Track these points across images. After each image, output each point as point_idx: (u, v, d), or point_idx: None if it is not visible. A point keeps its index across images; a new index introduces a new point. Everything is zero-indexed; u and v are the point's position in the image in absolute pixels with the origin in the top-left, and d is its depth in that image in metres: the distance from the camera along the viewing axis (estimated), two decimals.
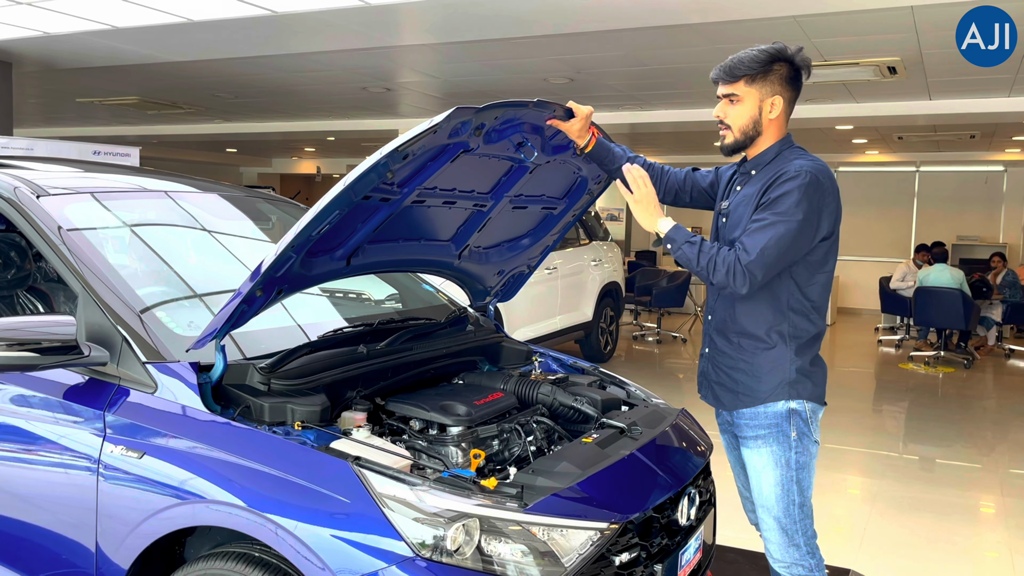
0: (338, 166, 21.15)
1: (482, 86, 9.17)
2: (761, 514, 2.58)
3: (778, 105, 2.47)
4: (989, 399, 8.33)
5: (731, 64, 2.46)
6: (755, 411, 2.52)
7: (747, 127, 2.50)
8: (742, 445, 2.59)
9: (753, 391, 2.51)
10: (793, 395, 2.49)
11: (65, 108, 12.31)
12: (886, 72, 7.67)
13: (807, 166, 2.40)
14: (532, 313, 7.53)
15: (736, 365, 2.54)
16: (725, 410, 2.63)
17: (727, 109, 2.51)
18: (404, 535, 1.94)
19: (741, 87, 2.47)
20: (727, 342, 2.56)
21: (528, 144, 2.62)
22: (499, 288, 3.32)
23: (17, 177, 2.76)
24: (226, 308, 2.20)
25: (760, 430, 2.52)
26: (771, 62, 2.45)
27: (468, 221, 2.89)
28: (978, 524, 4.74)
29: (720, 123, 2.53)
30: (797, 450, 2.50)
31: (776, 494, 2.51)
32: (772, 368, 2.49)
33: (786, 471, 2.50)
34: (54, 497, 2.32)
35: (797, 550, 2.53)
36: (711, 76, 2.54)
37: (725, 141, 2.54)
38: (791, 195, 2.36)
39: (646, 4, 5.70)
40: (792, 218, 2.35)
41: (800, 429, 2.51)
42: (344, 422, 2.39)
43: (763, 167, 2.52)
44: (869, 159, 15.39)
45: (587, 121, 2.65)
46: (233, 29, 6.63)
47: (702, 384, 2.71)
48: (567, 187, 3.03)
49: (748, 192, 2.52)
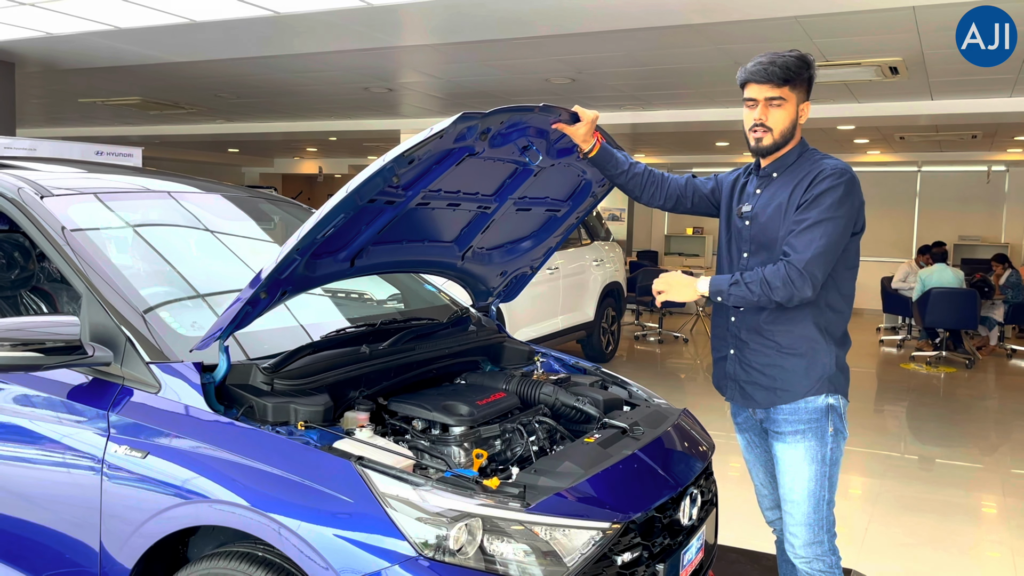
0: (340, 166, 21.16)
1: (484, 86, 9.18)
2: (789, 509, 2.59)
3: (807, 110, 2.55)
4: (991, 399, 8.33)
5: (779, 68, 2.47)
6: (795, 406, 2.54)
7: (787, 130, 2.53)
8: (777, 440, 2.60)
9: (793, 386, 2.53)
10: (831, 390, 2.55)
11: (67, 108, 12.32)
12: (888, 72, 7.67)
13: (842, 165, 2.47)
14: (534, 313, 7.53)
15: (774, 362, 2.55)
16: (760, 408, 2.63)
17: (770, 112, 2.51)
18: (407, 535, 1.95)
19: (787, 91, 2.49)
20: (763, 340, 2.56)
21: (533, 148, 2.63)
22: (501, 289, 3.33)
23: (21, 178, 2.77)
24: (230, 309, 2.20)
25: (800, 425, 2.54)
26: (807, 68, 2.51)
27: (472, 223, 2.89)
28: (980, 524, 4.74)
29: (759, 125, 2.52)
30: (832, 446, 2.56)
31: (809, 489, 2.55)
32: (813, 363, 2.53)
33: (821, 467, 2.54)
34: (58, 497, 2.33)
35: (820, 546, 2.57)
36: (745, 77, 2.53)
37: (763, 143, 2.54)
38: (835, 191, 2.41)
39: (648, 4, 5.70)
40: (839, 214, 2.41)
41: (836, 425, 2.56)
42: (347, 422, 2.40)
43: (786, 169, 2.56)
44: (871, 159, 15.39)
45: (592, 126, 2.65)
46: (235, 30, 6.64)
47: (729, 387, 2.71)
48: (571, 190, 3.03)
49: (778, 195, 2.54)
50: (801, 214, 2.44)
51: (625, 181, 2.78)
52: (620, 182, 2.80)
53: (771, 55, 2.50)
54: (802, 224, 2.42)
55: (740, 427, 2.81)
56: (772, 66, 2.47)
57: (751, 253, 2.60)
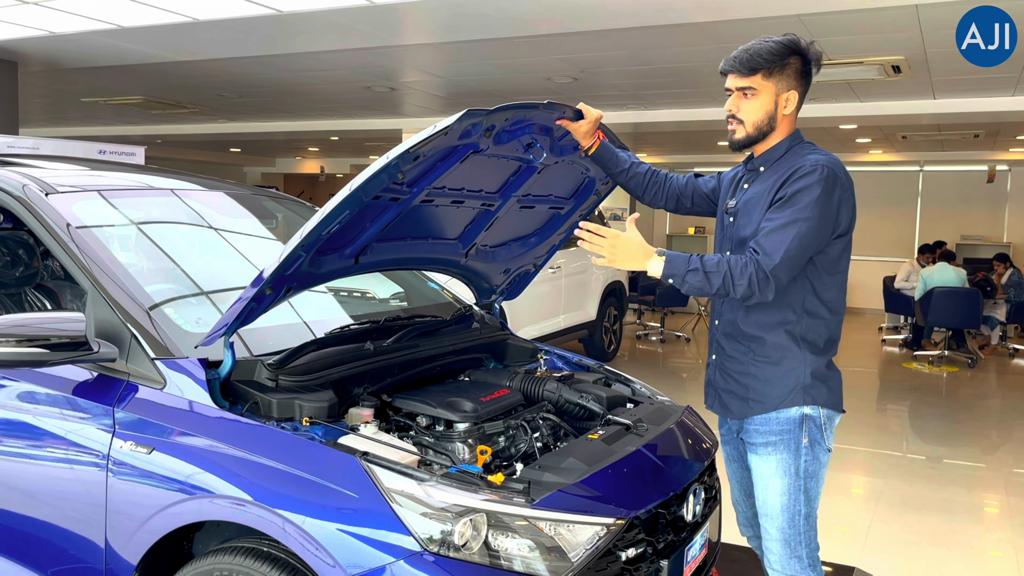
0: (342, 166, 21.17)
1: (486, 85, 9.19)
2: (765, 523, 2.48)
3: (793, 100, 2.38)
4: (993, 398, 8.32)
5: (747, 56, 2.34)
6: (766, 417, 2.41)
7: (761, 122, 2.39)
8: (750, 452, 2.49)
9: (765, 397, 2.41)
10: (808, 400, 2.39)
11: (70, 108, 12.34)
12: (890, 71, 7.67)
13: (823, 160, 2.30)
14: (536, 312, 7.54)
15: (747, 370, 2.44)
16: (734, 419, 2.53)
17: (740, 103, 2.39)
18: (412, 530, 1.95)
19: (758, 80, 2.35)
20: (737, 346, 2.45)
21: (537, 145, 2.62)
22: (505, 286, 3.33)
23: (26, 175, 2.78)
24: (235, 306, 2.21)
25: (771, 436, 2.42)
26: (787, 55, 2.34)
27: (475, 220, 2.90)
28: (982, 523, 4.73)
29: (731, 117, 2.41)
30: (807, 458, 2.41)
31: (782, 503, 2.42)
32: (786, 373, 2.39)
33: (794, 480, 2.41)
34: (63, 493, 2.33)
35: (799, 562, 2.44)
36: (722, 67, 2.41)
37: (735, 136, 2.42)
38: (809, 191, 2.25)
39: (650, 3, 5.70)
40: (812, 215, 2.24)
41: (813, 436, 2.41)
42: (351, 418, 2.40)
43: (773, 163, 2.42)
44: (873, 159, 15.38)
45: (595, 124, 2.62)
46: (238, 29, 6.65)
47: (709, 394, 2.60)
48: (575, 187, 3.03)
49: (758, 189, 2.42)
50: (774, 212, 2.28)
51: (626, 180, 2.74)
52: (621, 180, 2.76)
53: (754, 42, 2.37)
54: (774, 222, 2.26)
55: (722, 438, 2.70)
56: (744, 53, 2.34)
57: (732, 251, 2.47)
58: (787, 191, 2.29)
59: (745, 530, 2.78)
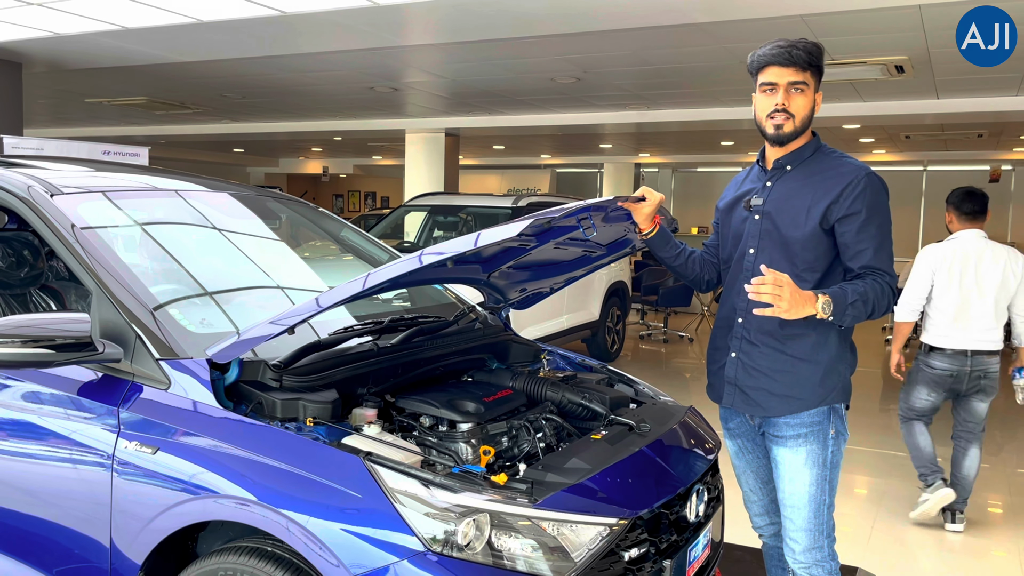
0: (345, 166, 21.20)
1: (489, 86, 9.19)
2: (790, 515, 2.52)
3: (820, 100, 2.46)
4: (996, 399, 8.29)
5: (802, 51, 2.35)
6: (802, 411, 2.49)
7: (807, 118, 2.43)
8: (777, 445, 2.52)
9: (808, 395, 2.46)
10: (842, 398, 2.52)
11: (74, 108, 12.36)
12: (893, 71, 7.66)
13: (863, 165, 2.44)
14: (539, 312, 7.53)
15: (785, 368, 2.46)
16: (767, 416, 2.53)
17: (793, 98, 2.39)
18: (415, 530, 1.96)
19: (809, 76, 2.39)
20: (776, 343, 2.47)
21: (590, 220, 2.51)
22: (516, 300, 3.28)
23: (31, 176, 2.79)
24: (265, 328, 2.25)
25: (802, 429, 2.48)
26: (822, 55, 2.42)
27: (508, 250, 2.76)
28: (986, 523, 4.73)
29: (781, 111, 2.40)
30: (833, 449, 2.50)
31: (810, 494, 2.48)
32: (829, 372, 2.47)
33: (822, 470, 2.48)
34: (68, 493, 2.34)
35: (820, 551, 2.51)
36: (762, 60, 2.40)
37: (784, 130, 2.41)
38: (879, 200, 2.41)
39: (653, 3, 5.70)
40: (887, 220, 2.44)
41: (838, 427, 2.51)
42: (355, 418, 2.41)
43: (801, 164, 2.48)
44: (876, 158, 15.38)
45: (656, 207, 2.61)
46: (241, 29, 6.66)
47: (725, 391, 2.59)
48: (613, 239, 2.92)
49: (790, 188, 2.46)
50: (861, 229, 2.38)
51: (680, 264, 2.73)
52: (672, 264, 2.74)
53: (795, 39, 2.38)
54: (873, 240, 2.39)
55: (732, 432, 2.71)
56: (795, 49, 2.35)
57: (758, 250, 2.50)
58: (858, 206, 2.39)
59: (759, 519, 2.80)
